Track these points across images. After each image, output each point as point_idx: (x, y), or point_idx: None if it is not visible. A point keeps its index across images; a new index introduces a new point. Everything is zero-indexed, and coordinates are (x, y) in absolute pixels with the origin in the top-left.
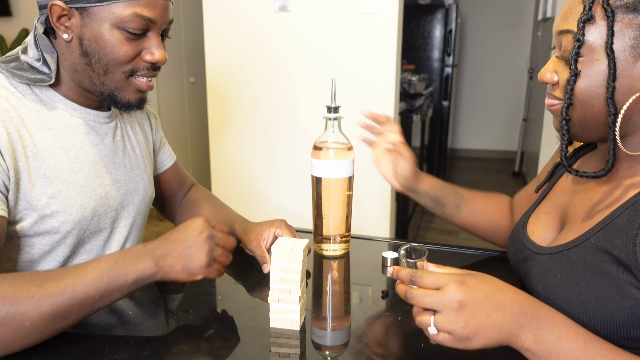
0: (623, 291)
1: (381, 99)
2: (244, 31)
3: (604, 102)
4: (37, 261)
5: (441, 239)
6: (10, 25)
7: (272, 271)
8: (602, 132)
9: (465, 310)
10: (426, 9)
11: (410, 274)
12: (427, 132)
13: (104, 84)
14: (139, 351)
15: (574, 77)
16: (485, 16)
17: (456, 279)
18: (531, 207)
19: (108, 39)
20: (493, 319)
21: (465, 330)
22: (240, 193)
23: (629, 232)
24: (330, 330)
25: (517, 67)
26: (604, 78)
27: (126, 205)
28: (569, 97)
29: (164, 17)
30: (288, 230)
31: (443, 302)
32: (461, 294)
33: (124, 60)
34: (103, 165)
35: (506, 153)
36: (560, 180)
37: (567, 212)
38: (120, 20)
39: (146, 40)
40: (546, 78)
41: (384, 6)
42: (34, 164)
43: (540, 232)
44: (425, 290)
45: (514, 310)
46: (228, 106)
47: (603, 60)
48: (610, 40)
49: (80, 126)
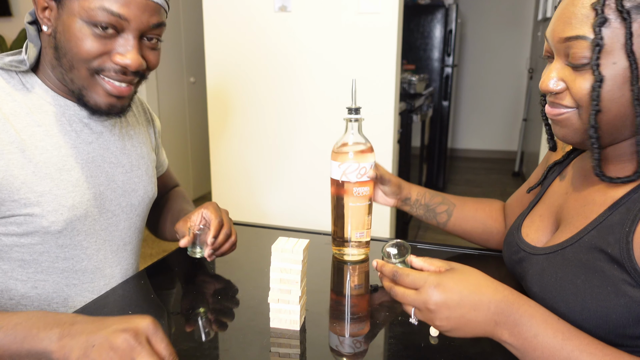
0: (618, 289)
1: (381, 99)
2: (244, 31)
3: (625, 105)
4: (28, 262)
5: (441, 239)
6: (10, 25)
7: (272, 271)
8: (621, 136)
9: (439, 312)
10: (426, 9)
11: (392, 272)
12: (427, 132)
13: (73, 82)
14: None
15: (600, 82)
16: (485, 16)
17: (432, 282)
18: (525, 210)
19: (75, 32)
20: (467, 318)
21: (441, 327)
22: (240, 193)
23: (621, 230)
24: (329, 330)
25: (517, 67)
26: (623, 81)
27: (124, 206)
28: (597, 104)
29: (142, 17)
30: (215, 211)
31: (419, 303)
32: (435, 297)
33: (87, 57)
34: (98, 164)
35: (506, 153)
36: (553, 183)
37: (562, 214)
38: (88, 14)
39: (119, 40)
40: (551, 87)
41: (384, 6)
42: (21, 161)
43: (534, 234)
44: (405, 290)
45: (489, 310)
46: (228, 106)
47: (620, 62)
48: (630, 42)
49: (74, 123)
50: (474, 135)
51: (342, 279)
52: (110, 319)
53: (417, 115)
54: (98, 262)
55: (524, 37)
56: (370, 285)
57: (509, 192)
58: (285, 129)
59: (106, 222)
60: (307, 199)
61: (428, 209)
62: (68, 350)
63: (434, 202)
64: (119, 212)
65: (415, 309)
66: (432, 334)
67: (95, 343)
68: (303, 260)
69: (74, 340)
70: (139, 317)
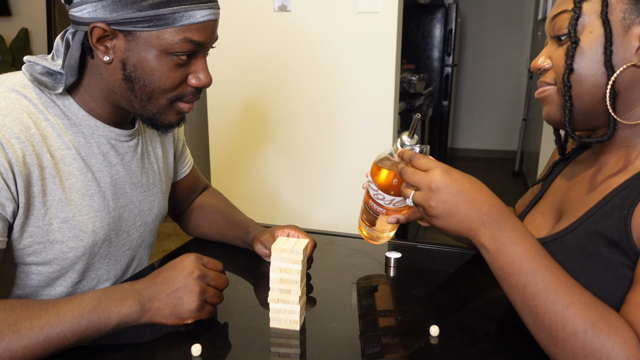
0: (617, 272)
1: (381, 99)
2: (244, 31)
3: (600, 72)
4: (43, 287)
5: (441, 239)
6: (10, 25)
7: (272, 271)
8: (599, 110)
9: (438, 194)
10: (426, 8)
11: (410, 155)
12: (427, 132)
13: (145, 109)
14: (138, 351)
15: (575, 44)
16: (485, 16)
17: (442, 167)
18: (525, 209)
19: (155, 66)
20: (459, 208)
21: (432, 210)
22: (241, 193)
23: (620, 213)
24: (329, 331)
25: (517, 67)
26: (599, 47)
27: (139, 225)
28: (570, 63)
29: (213, 37)
30: (301, 232)
31: (423, 182)
32: (440, 179)
33: (171, 88)
34: (119, 187)
35: (506, 153)
36: (555, 182)
37: (563, 207)
38: (169, 47)
39: (193, 63)
40: (539, 64)
41: (384, 6)
42: (50, 187)
43: (535, 230)
44: (415, 170)
45: (482, 209)
46: (228, 106)
47: (597, 31)
48: (606, 10)
49: (101, 145)
50: (474, 135)
51: (342, 279)
52: (162, 272)
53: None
54: (106, 280)
55: (524, 37)
56: (370, 285)
57: (509, 191)
58: (285, 129)
59: (121, 243)
60: (307, 199)
61: None
62: (155, 310)
63: None
64: (133, 231)
65: (416, 192)
66: (432, 334)
67: (179, 294)
68: (303, 260)
69: (153, 303)
70: (183, 258)
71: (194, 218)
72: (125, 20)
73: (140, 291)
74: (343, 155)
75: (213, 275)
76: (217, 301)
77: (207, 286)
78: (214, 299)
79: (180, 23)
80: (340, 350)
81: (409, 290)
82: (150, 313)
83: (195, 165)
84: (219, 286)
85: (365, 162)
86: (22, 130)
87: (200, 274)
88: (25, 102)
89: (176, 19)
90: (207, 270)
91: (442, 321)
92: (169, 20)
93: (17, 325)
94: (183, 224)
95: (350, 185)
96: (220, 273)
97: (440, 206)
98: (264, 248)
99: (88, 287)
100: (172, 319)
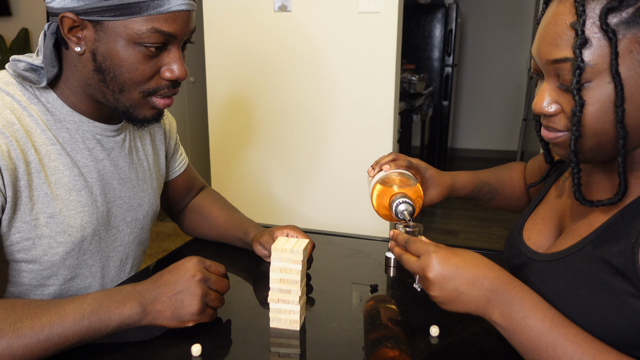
0: (622, 301)
1: (381, 99)
2: (244, 31)
3: (611, 129)
4: (35, 287)
5: (441, 239)
6: (10, 25)
7: (272, 271)
8: (614, 155)
9: (434, 282)
10: (426, 8)
11: (404, 239)
12: (427, 132)
13: (118, 101)
14: (138, 351)
15: (580, 107)
16: (485, 16)
17: (432, 250)
18: (527, 210)
19: (124, 57)
20: (459, 292)
21: (435, 298)
22: (241, 193)
23: (627, 241)
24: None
25: (517, 67)
26: (609, 104)
27: (129, 221)
28: (577, 130)
29: (186, 29)
30: (301, 232)
31: (419, 270)
32: (432, 265)
33: (142, 80)
34: (107, 182)
35: (506, 153)
36: (557, 184)
37: (565, 219)
38: (137, 37)
39: (165, 55)
40: (544, 110)
41: (384, 6)
42: (36, 182)
43: (536, 238)
44: (410, 256)
45: (483, 286)
46: (228, 106)
47: (607, 84)
48: (615, 63)
49: (87, 140)
50: (474, 135)
51: (342, 279)
52: (164, 275)
53: (417, 115)
54: (101, 278)
55: (524, 37)
56: (370, 284)
57: None
58: (285, 129)
59: (111, 239)
60: (307, 199)
61: (473, 199)
62: (157, 312)
63: (478, 195)
64: (123, 227)
65: (417, 278)
66: (432, 334)
67: (181, 297)
68: (303, 261)
69: (154, 305)
70: (185, 261)
71: (193, 218)
72: (92, 9)
73: (142, 293)
74: (343, 156)
75: (215, 278)
76: (219, 305)
77: (209, 289)
78: (216, 303)
79: (147, 12)
80: (340, 350)
81: (409, 290)
82: (152, 315)
83: (191, 165)
84: (221, 290)
85: (367, 163)
86: (6, 125)
87: (203, 277)
88: (8, 99)
89: (142, 7)
90: (209, 273)
91: (442, 321)
92: (136, 9)
93: (18, 323)
94: (182, 225)
95: (354, 186)
96: (222, 277)
97: (440, 294)
98: (263, 249)
99: (82, 285)
100: (173, 322)
